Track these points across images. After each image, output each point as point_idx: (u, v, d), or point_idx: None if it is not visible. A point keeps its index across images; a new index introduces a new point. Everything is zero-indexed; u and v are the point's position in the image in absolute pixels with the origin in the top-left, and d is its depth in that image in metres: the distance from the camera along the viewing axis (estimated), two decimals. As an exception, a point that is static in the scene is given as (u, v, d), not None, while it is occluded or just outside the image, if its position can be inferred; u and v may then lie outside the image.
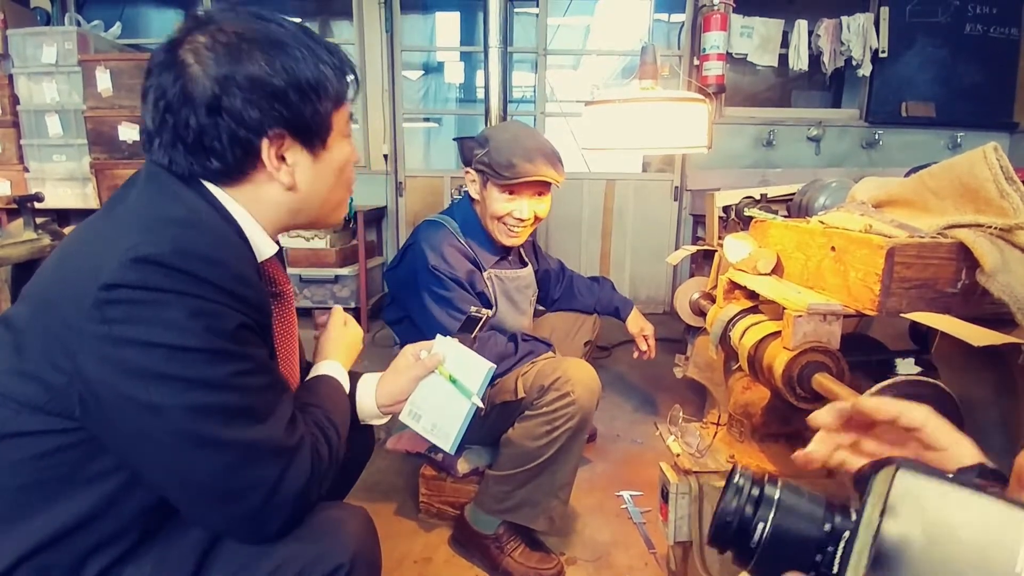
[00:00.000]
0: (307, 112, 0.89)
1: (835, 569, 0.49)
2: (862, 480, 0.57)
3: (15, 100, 4.07)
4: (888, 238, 1.07)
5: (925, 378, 0.95)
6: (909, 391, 0.93)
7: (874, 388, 0.94)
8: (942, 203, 1.16)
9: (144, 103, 0.88)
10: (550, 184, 1.92)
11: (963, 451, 0.60)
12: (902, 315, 1.07)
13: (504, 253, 2.04)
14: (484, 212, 1.95)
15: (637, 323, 2.29)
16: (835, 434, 0.68)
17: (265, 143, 0.87)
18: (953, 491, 0.46)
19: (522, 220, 1.90)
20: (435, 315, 1.80)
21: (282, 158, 0.90)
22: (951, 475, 0.47)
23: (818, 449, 0.68)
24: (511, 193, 1.89)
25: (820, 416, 0.69)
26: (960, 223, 1.09)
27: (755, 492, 0.54)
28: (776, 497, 0.53)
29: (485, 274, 1.96)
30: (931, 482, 0.47)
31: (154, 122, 0.86)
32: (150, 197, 0.86)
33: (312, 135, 0.91)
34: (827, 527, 0.51)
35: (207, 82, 0.83)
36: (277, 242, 0.99)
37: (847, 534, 0.49)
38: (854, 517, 0.49)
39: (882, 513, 0.46)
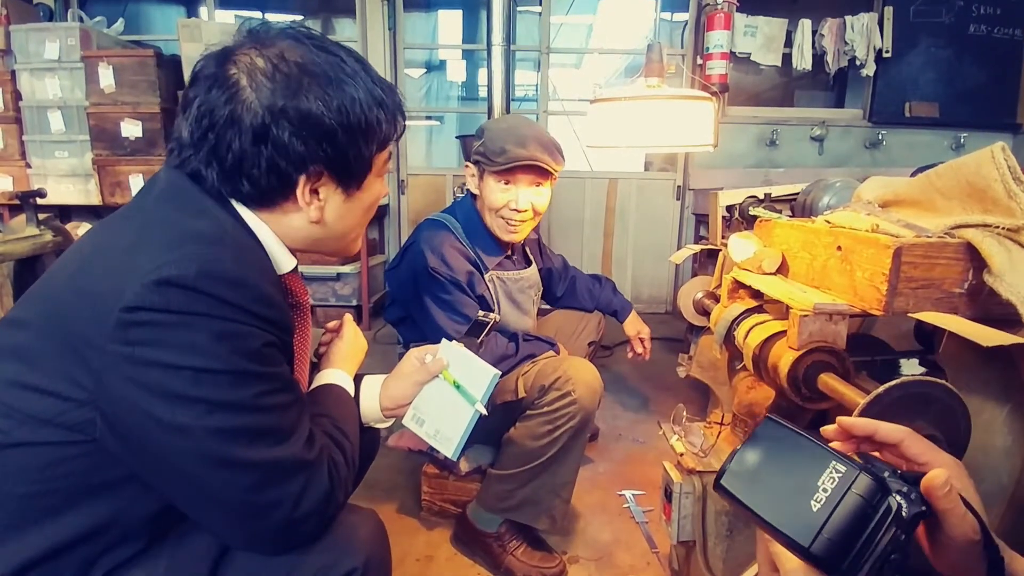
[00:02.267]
0: (351, 154, 0.89)
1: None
2: None
3: (17, 96, 4.06)
4: (895, 238, 1.07)
5: (933, 378, 0.95)
6: (918, 391, 0.92)
7: (880, 388, 0.93)
8: (949, 203, 1.15)
9: (184, 113, 0.86)
10: (548, 175, 1.88)
11: (941, 463, 0.61)
12: (910, 315, 1.07)
13: (508, 253, 2.02)
14: (483, 207, 1.92)
15: (635, 326, 2.30)
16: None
17: (303, 179, 0.87)
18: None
19: (519, 212, 1.86)
20: (436, 318, 1.79)
21: (315, 192, 0.90)
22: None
23: None
24: (506, 183, 1.85)
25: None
26: (967, 223, 1.08)
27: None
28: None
29: (487, 276, 1.93)
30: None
31: (192, 136, 0.85)
32: (174, 209, 0.85)
33: (350, 176, 0.92)
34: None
35: (259, 110, 0.82)
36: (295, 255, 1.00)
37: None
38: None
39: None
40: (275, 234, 0.92)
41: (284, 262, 0.95)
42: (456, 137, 4.46)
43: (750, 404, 1.38)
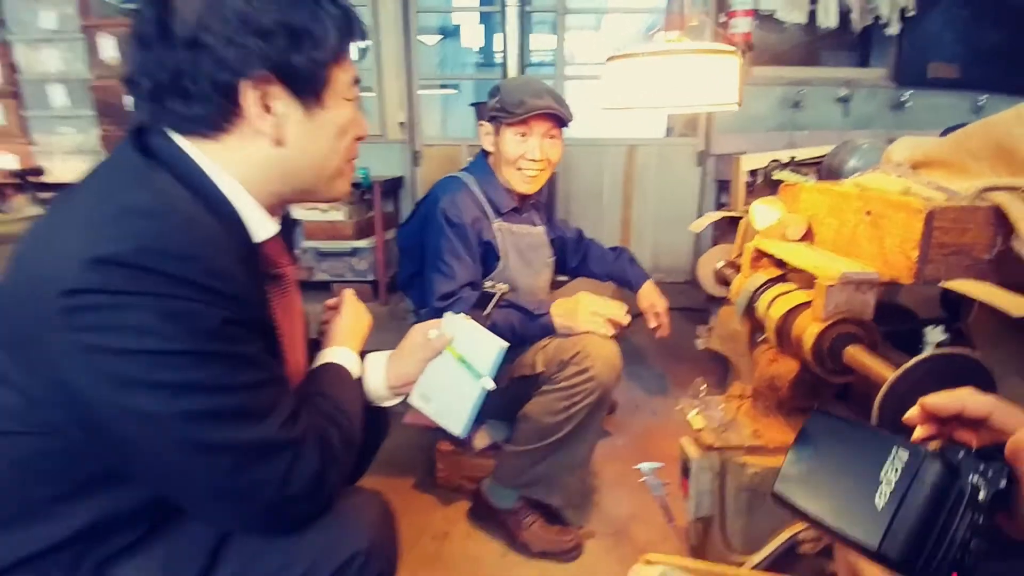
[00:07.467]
0: (297, 58, 0.80)
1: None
2: None
3: (13, 69, 3.89)
4: (927, 201, 1.01)
5: (960, 350, 0.90)
6: (944, 365, 0.87)
7: (908, 364, 0.88)
8: (979, 164, 1.09)
9: (128, 50, 0.80)
10: (560, 125, 1.91)
11: None
12: (940, 284, 1.01)
13: (519, 208, 2.02)
14: (499, 162, 1.94)
15: (648, 297, 2.10)
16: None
17: (246, 85, 0.79)
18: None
19: (535, 161, 1.89)
20: (443, 259, 1.82)
21: (268, 108, 0.82)
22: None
23: None
24: (523, 134, 1.88)
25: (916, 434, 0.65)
26: (996, 185, 1.02)
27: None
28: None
29: (495, 224, 1.93)
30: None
31: (133, 66, 0.79)
32: (113, 182, 0.79)
33: (304, 85, 0.83)
34: None
35: (188, 15, 0.75)
36: (287, 217, 0.92)
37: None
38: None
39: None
40: (248, 190, 0.85)
41: (260, 228, 0.87)
42: (471, 104, 4.36)
43: (771, 377, 1.34)
